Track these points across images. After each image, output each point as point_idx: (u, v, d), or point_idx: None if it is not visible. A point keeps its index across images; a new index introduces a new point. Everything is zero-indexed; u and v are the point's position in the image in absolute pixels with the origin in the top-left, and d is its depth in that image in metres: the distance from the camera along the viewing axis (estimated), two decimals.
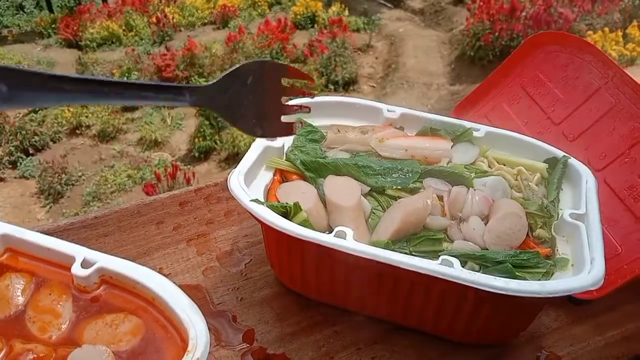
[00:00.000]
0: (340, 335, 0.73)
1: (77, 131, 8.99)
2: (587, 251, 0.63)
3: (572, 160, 0.76)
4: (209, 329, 0.53)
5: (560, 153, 0.78)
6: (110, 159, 8.30)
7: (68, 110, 9.11)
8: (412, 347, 0.72)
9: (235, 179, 0.72)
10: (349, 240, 0.64)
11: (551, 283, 0.58)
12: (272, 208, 0.68)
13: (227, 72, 0.62)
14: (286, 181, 0.75)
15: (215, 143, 7.88)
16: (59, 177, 7.60)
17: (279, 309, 0.76)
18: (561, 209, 0.71)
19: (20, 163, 8.20)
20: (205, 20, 12.83)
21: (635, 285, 0.74)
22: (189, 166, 7.69)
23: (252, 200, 0.68)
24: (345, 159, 0.75)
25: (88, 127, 9.00)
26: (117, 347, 0.51)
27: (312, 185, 0.73)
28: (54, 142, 8.82)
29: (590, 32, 7.19)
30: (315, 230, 0.67)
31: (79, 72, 10.52)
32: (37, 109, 9.62)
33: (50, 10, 15.01)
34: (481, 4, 9.00)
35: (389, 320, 0.75)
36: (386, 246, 0.64)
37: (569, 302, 0.78)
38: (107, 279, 0.57)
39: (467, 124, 0.83)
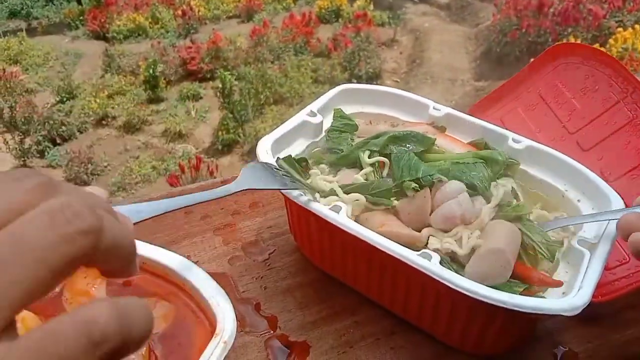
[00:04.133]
0: (360, 325, 0.75)
1: (104, 122, 9.11)
2: (580, 279, 0.62)
3: (608, 190, 0.74)
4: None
5: (606, 187, 0.74)
6: (135, 150, 8.41)
7: (95, 101, 9.24)
8: (429, 338, 0.74)
9: (263, 144, 0.74)
10: (341, 215, 0.67)
11: (521, 297, 0.58)
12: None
13: None
14: None
15: (239, 136, 7.93)
16: (85, 166, 7.71)
17: (301, 298, 0.78)
18: (574, 234, 0.70)
19: (48, 152, 8.35)
20: (230, 14, 12.87)
21: None
22: (212, 158, 7.75)
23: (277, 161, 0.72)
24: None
25: (114, 118, 9.12)
26: None
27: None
28: (81, 132, 8.95)
29: (620, 29, 7.04)
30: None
31: (106, 64, 10.66)
32: (64, 100, 9.80)
33: (79, 2, 15.21)
34: None
35: (395, 313, 0.76)
36: None
37: None
38: (140, 264, 0.60)
39: (509, 134, 0.82)
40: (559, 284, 0.64)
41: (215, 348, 0.50)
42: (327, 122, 0.84)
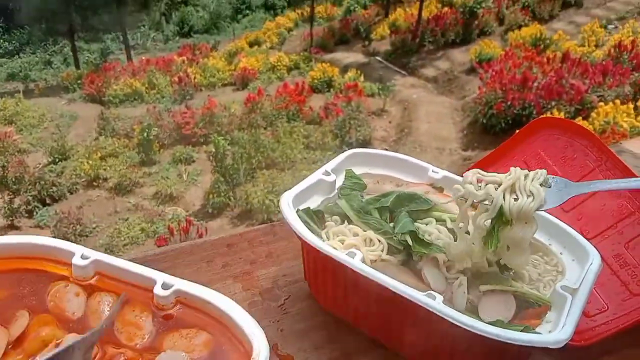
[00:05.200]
0: None
1: (95, 183, 9.17)
2: (564, 318, 0.71)
3: (587, 245, 0.83)
4: None
5: (584, 242, 0.84)
6: (125, 211, 8.44)
7: (87, 162, 9.33)
8: None
9: (286, 198, 0.85)
10: (356, 260, 0.76)
11: (514, 332, 0.67)
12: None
13: None
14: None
15: (229, 199, 8.02)
16: (74, 227, 7.68)
17: (315, 339, 0.86)
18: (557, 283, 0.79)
19: (37, 212, 8.35)
20: (226, 82, 13.30)
21: (634, 332, 0.84)
22: (202, 221, 7.79)
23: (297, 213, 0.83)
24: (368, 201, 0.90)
25: (105, 179, 9.19)
26: (192, 356, 0.62)
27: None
28: (71, 193, 9.00)
29: (601, 104, 7.37)
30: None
31: (100, 126, 10.83)
32: (56, 161, 9.89)
33: (77, 67, 15.65)
34: (493, 73, 9.30)
35: (401, 354, 0.84)
36: None
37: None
38: (182, 299, 0.68)
39: None
40: (546, 308, 0.74)
41: None
42: (339, 181, 0.95)
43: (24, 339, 0.64)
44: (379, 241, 0.82)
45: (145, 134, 9.51)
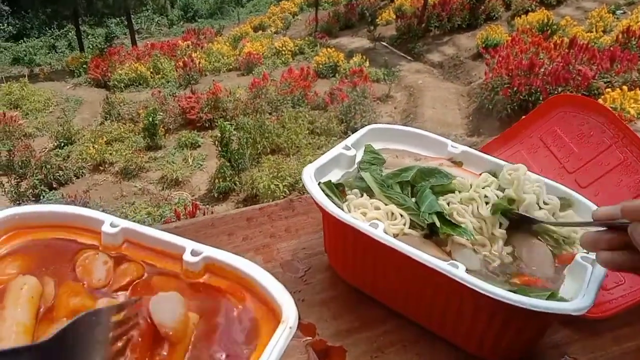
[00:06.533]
0: (389, 334, 0.85)
1: (101, 167, 9.21)
2: (584, 287, 0.73)
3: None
4: None
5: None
6: (131, 195, 8.48)
7: (93, 146, 9.35)
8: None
9: (308, 171, 0.87)
10: (379, 230, 0.78)
11: (537, 300, 0.68)
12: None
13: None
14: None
15: (235, 184, 8.03)
16: None
17: (335, 309, 0.88)
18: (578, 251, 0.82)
19: (43, 196, 8.38)
20: (231, 67, 13.28)
21: None
22: (207, 206, 7.82)
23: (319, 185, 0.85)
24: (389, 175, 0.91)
25: (111, 164, 9.22)
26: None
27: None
28: (77, 178, 9.04)
29: (608, 90, 7.32)
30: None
31: (106, 111, 10.85)
32: (62, 145, 9.92)
33: (82, 51, 15.62)
34: (500, 59, 9.25)
35: (419, 323, 0.86)
36: None
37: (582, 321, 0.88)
38: (211, 266, 0.70)
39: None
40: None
41: (283, 331, 0.59)
42: (359, 156, 0.96)
43: (52, 309, 0.65)
44: (401, 216, 0.83)
45: (150, 119, 9.51)
